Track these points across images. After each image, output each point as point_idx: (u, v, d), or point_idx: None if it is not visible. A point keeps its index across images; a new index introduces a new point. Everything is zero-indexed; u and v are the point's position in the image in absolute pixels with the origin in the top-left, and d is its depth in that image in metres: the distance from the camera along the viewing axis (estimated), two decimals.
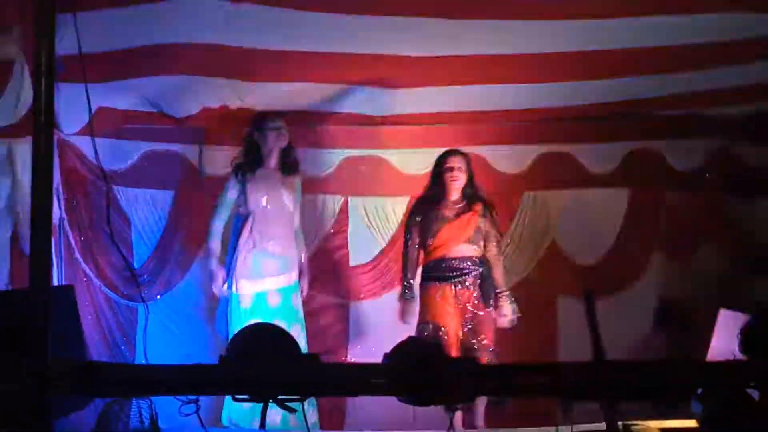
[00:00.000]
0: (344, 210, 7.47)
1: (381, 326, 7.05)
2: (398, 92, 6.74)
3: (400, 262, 7.32)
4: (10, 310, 3.53)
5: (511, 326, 6.37)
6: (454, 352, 6.09)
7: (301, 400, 3.56)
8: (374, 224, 7.50)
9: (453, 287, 6.23)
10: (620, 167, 7.52)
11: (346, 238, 7.50)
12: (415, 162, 7.44)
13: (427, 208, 6.43)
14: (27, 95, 4.93)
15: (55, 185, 5.88)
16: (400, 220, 7.45)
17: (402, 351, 3.48)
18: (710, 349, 5.77)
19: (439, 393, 3.40)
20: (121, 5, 5.17)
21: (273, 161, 6.46)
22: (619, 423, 3.76)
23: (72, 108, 5.48)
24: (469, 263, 6.28)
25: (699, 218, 7.52)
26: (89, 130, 4.95)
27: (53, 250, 6.38)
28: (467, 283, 6.25)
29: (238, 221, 6.46)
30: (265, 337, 3.65)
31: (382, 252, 7.48)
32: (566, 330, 7.23)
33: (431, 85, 6.60)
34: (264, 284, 6.32)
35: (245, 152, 6.49)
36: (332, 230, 7.45)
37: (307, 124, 7.16)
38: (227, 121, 6.96)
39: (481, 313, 6.23)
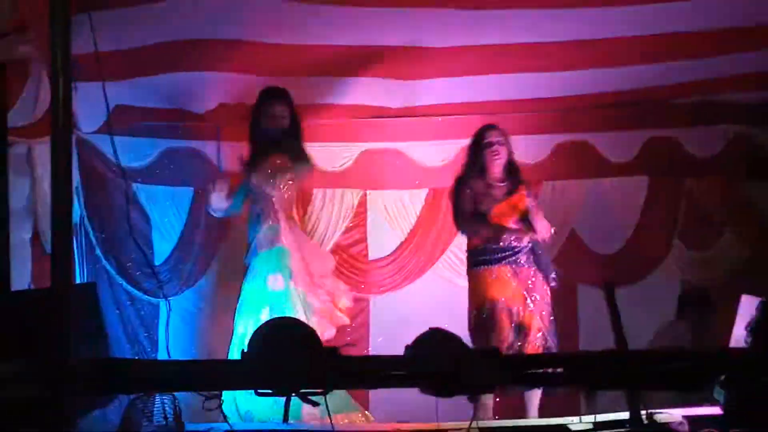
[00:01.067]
0: (363, 203, 7.48)
1: (402, 319, 7.04)
2: (415, 84, 6.74)
3: (419, 255, 7.34)
4: (33, 309, 3.54)
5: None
6: (514, 332, 5.99)
7: (324, 394, 3.57)
8: (393, 217, 7.50)
9: (508, 267, 6.08)
10: (639, 155, 7.49)
11: (365, 231, 7.50)
12: (433, 154, 7.44)
13: (472, 186, 6.23)
14: (45, 95, 4.95)
15: (74, 184, 5.90)
16: (419, 213, 7.46)
17: (423, 343, 3.48)
18: (732, 336, 5.74)
19: (461, 383, 3.40)
20: (136, 4, 5.18)
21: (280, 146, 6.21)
22: (643, 411, 3.75)
23: (90, 106, 5.51)
24: (519, 241, 6.11)
25: (719, 205, 7.49)
26: (107, 129, 4.96)
27: (74, 248, 6.41)
28: (521, 262, 6.09)
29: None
30: (286, 332, 3.65)
31: (402, 245, 7.48)
32: (586, 319, 7.22)
33: (448, 76, 6.59)
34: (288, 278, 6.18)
35: (253, 140, 6.31)
36: (351, 224, 7.45)
37: (324, 118, 7.15)
38: (244, 117, 6.97)
39: (540, 292, 6.09)
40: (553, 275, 6.20)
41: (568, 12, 5.55)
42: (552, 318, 6.13)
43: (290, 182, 6.18)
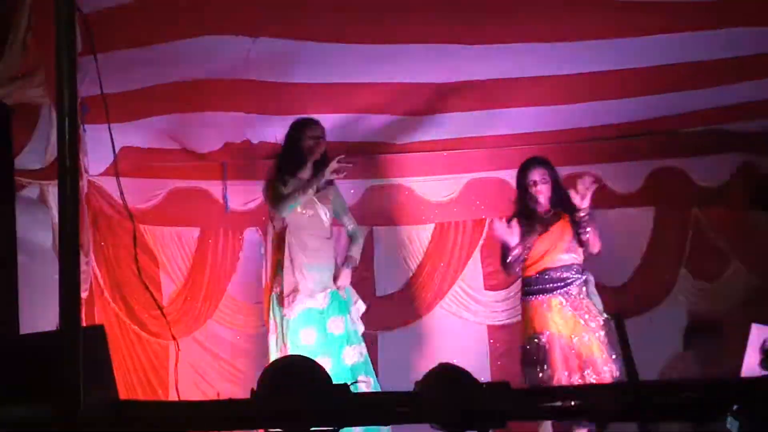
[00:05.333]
0: (369, 240, 7.47)
1: (411, 355, 7.02)
2: (418, 119, 6.76)
3: (427, 290, 7.32)
4: (43, 353, 3.54)
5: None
6: (569, 361, 5.89)
7: (335, 430, 3.56)
8: (400, 253, 7.49)
9: (560, 298, 5.99)
10: (644, 186, 7.50)
11: (372, 268, 7.49)
12: (439, 189, 7.46)
13: (520, 222, 6.11)
14: (54, 139, 4.97)
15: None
16: (425, 248, 7.46)
17: (432, 378, 3.47)
18: (744, 365, 5.72)
19: (471, 418, 3.39)
20: (140, 45, 5.22)
21: (307, 172, 6.13)
22: None
23: (96, 149, 5.54)
24: (572, 272, 6.04)
25: (726, 234, 7.49)
26: (114, 170, 4.98)
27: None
28: (573, 293, 6.00)
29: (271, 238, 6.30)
30: (295, 370, 3.65)
31: (410, 281, 7.47)
32: None
33: (452, 111, 6.61)
34: (302, 303, 6.03)
35: (283, 158, 6.19)
36: None
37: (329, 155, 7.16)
38: (250, 155, 7.00)
39: (595, 323, 5.99)
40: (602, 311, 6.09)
41: (569, 45, 5.58)
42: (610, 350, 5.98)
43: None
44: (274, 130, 6.60)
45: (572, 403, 3.49)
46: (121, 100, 5.35)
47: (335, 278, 6.15)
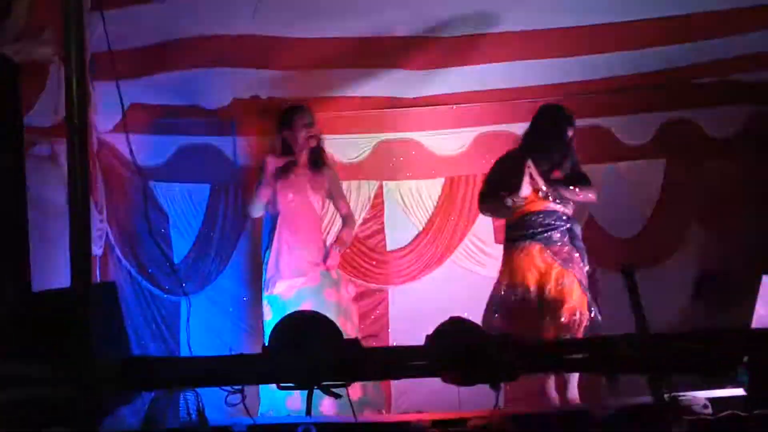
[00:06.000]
0: (380, 195, 7.48)
1: (421, 309, 7.04)
2: (429, 73, 6.73)
3: (437, 245, 7.33)
4: (55, 310, 3.56)
5: None
6: (539, 313, 5.85)
7: (346, 385, 3.58)
8: (410, 207, 7.49)
9: (540, 244, 5.93)
10: (655, 138, 7.46)
11: (383, 222, 7.51)
12: (449, 143, 7.44)
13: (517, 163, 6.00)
14: (63, 96, 4.97)
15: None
16: (436, 203, 7.46)
17: (443, 332, 3.49)
18: (755, 316, 5.72)
19: (482, 372, 3.41)
20: (148, 1, 5.20)
21: (304, 158, 6.32)
22: (666, 395, 3.74)
23: (105, 106, 5.53)
24: (553, 219, 5.97)
25: (737, 185, 7.45)
26: (123, 127, 4.97)
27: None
28: (554, 238, 5.94)
29: (268, 222, 6.44)
30: (306, 325, 3.67)
31: (420, 235, 7.48)
32: (605, 304, 7.19)
33: (462, 65, 6.58)
34: (296, 283, 6.20)
35: (282, 152, 6.35)
36: (368, 215, 7.45)
37: (340, 110, 7.16)
38: (259, 111, 6.98)
39: (573, 270, 5.91)
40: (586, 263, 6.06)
41: None
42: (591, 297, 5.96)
43: None
44: (283, 86, 6.59)
45: (582, 356, 3.50)
46: (129, 57, 5.34)
47: (324, 259, 6.27)
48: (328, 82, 6.72)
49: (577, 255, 5.99)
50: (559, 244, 5.97)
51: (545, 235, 5.96)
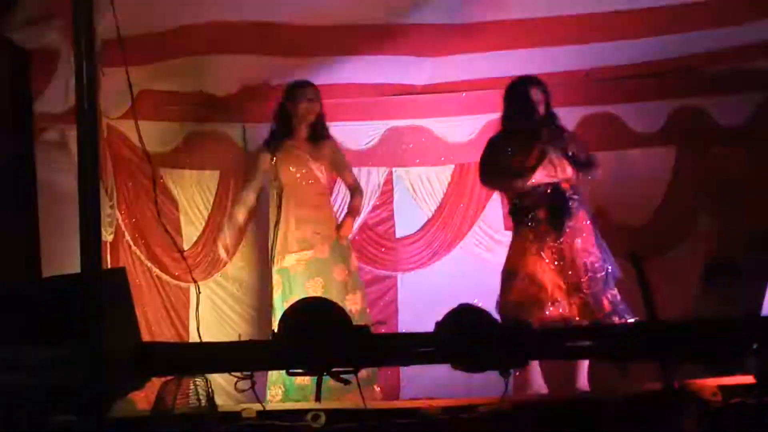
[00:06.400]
0: (389, 181, 7.48)
1: (431, 295, 7.04)
2: (438, 60, 6.72)
3: (447, 231, 7.32)
4: (65, 296, 3.56)
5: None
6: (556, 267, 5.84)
7: (355, 372, 3.59)
8: (420, 194, 7.50)
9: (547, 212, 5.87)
10: (665, 126, 7.44)
11: (392, 209, 7.51)
12: (458, 130, 7.43)
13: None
14: (73, 83, 4.98)
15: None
16: (445, 190, 7.46)
17: (453, 319, 3.49)
18: (764, 305, 5.71)
19: (491, 358, 3.41)
20: None
21: (303, 132, 6.23)
22: (676, 382, 3.74)
23: (115, 92, 5.53)
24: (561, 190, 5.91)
25: (746, 173, 7.43)
26: (133, 114, 4.98)
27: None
28: (570, 208, 5.86)
29: (274, 199, 6.39)
30: (315, 311, 3.67)
31: (429, 222, 7.48)
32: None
33: (472, 51, 6.56)
34: (305, 256, 6.15)
35: (277, 122, 6.30)
36: (378, 202, 7.45)
37: (349, 97, 7.15)
38: (268, 98, 6.98)
39: (583, 231, 5.90)
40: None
41: None
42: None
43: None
44: (292, 73, 6.58)
45: (591, 343, 3.50)
46: (138, 43, 5.33)
47: (338, 228, 6.25)
48: (339, 69, 6.71)
49: (582, 215, 5.95)
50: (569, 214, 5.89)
51: (554, 206, 5.89)
